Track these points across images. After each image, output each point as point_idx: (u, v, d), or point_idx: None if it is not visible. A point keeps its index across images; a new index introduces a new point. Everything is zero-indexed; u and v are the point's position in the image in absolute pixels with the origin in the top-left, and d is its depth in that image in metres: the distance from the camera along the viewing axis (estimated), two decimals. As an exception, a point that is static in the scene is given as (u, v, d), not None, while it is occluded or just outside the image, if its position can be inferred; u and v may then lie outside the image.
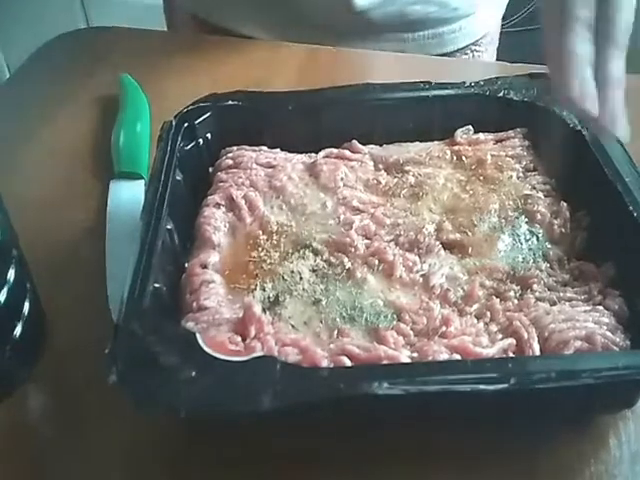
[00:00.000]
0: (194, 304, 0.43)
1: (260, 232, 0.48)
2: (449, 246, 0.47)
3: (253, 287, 0.44)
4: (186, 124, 0.52)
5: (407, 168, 0.52)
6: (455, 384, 0.36)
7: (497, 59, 0.90)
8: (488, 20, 0.85)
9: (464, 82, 0.55)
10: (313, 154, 0.54)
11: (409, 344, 0.41)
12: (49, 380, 0.45)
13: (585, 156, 0.49)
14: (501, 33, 0.91)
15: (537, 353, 0.40)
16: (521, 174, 0.52)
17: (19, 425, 0.43)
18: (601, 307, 0.42)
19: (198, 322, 0.41)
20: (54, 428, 0.44)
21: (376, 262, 0.46)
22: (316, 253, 0.47)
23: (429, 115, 0.55)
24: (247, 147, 0.54)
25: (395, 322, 0.43)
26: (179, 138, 0.51)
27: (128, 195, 0.57)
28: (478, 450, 0.40)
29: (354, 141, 0.54)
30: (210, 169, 0.53)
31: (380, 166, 0.53)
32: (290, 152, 0.54)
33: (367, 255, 0.46)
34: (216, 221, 0.48)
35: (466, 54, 0.84)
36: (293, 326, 0.42)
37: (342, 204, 0.50)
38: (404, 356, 0.40)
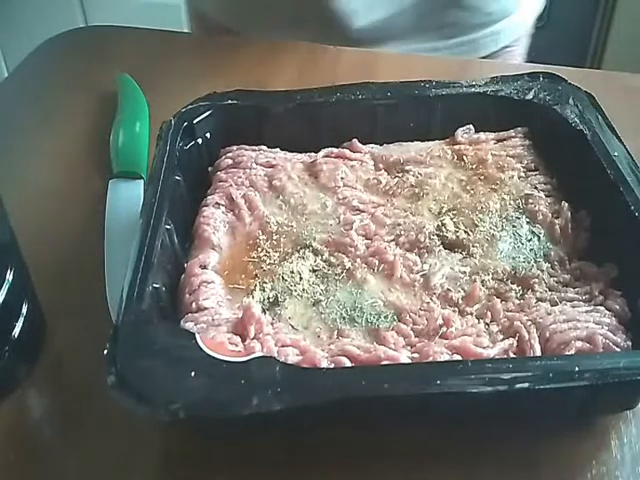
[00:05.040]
0: (193, 304, 0.42)
1: (260, 232, 0.48)
2: (450, 246, 0.47)
3: (252, 287, 0.44)
4: (185, 123, 0.52)
5: (407, 168, 0.52)
6: (456, 385, 0.36)
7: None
8: (523, 22, 0.82)
9: (465, 81, 0.55)
10: (313, 153, 0.53)
11: (409, 345, 0.41)
12: (48, 380, 0.45)
13: (586, 155, 0.49)
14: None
15: (538, 353, 0.40)
16: (522, 174, 0.51)
17: (18, 425, 0.43)
18: (602, 307, 0.42)
19: (197, 322, 0.41)
20: (53, 428, 0.44)
21: (376, 262, 0.45)
22: (316, 253, 0.46)
23: (430, 114, 0.55)
24: (246, 146, 0.54)
25: (395, 322, 0.42)
26: (178, 137, 0.50)
27: (127, 195, 0.56)
28: (478, 451, 0.40)
29: (354, 140, 0.54)
30: (209, 169, 0.53)
31: (380, 166, 0.53)
32: (290, 151, 0.54)
33: (367, 255, 0.46)
34: (215, 221, 0.48)
35: (499, 56, 0.81)
36: (293, 327, 0.42)
37: (342, 204, 0.50)
38: (404, 357, 0.40)
